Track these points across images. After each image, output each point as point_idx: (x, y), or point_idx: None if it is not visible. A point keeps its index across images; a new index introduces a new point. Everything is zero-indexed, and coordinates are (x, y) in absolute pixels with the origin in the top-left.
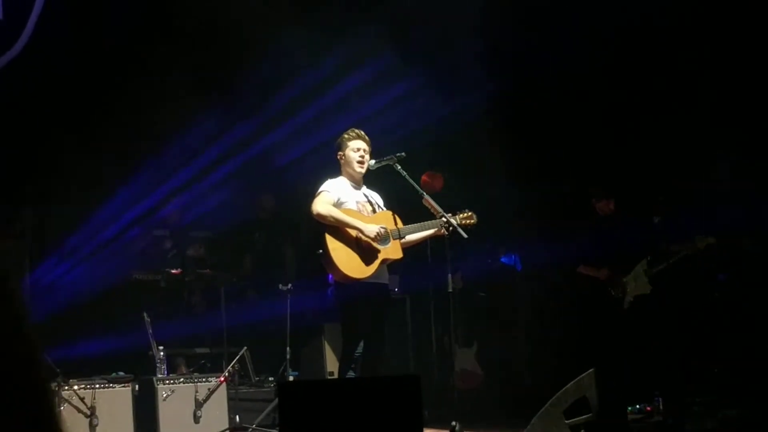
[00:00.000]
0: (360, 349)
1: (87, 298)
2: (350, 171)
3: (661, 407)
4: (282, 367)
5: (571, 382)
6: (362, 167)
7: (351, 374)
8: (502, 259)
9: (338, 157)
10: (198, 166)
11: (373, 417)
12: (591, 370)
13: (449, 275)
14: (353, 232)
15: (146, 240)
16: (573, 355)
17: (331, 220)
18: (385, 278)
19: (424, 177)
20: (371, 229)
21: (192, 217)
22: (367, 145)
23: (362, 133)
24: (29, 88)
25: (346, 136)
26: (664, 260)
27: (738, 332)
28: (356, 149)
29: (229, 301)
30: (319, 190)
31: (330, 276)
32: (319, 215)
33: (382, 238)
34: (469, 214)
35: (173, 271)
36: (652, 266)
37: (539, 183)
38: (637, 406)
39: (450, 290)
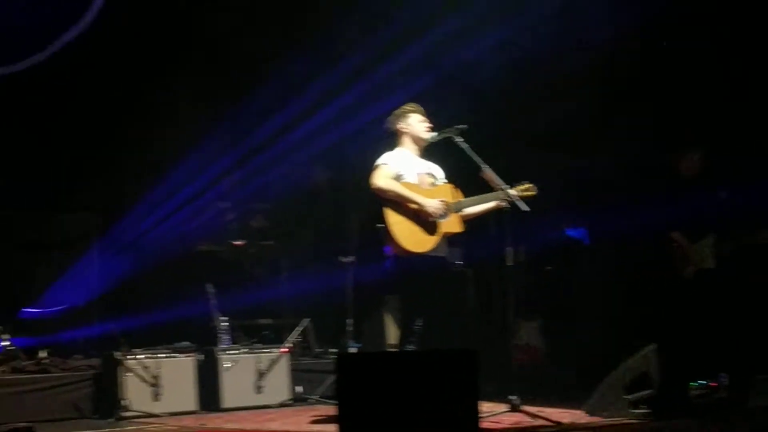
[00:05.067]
0: (420, 322)
1: (152, 269)
2: (413, 142)
3: (725, 384)
4: (343, 339)
5: (632, 358)
6: (427, 136)
7: (410, 347)
8: (568, 232)
9: (399, 129)
10: (260, 137)
11: (430, 390)
12: (652, 346)
13: (510, 248)
14: (413, 206)
15: (210, 212)
16: (638, 329)
17: (391, 194)
18: (444, 252)
19: None
20: (431, 203)
21: (254, 188)
22: (426, 118)
23: (420, 107)
24: (102, 58)
25: (407, 108)
26: (732, 243)
27: None
28: (420, 120)
29: (291, 273)
30: (377, 163)
31: (388, 248)
32: (379, 189)
33: (443, 212)
34: (529, 185)
35: (236, 243)
36: (718, 245)
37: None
38: (701, 383)
39: (511, 263)
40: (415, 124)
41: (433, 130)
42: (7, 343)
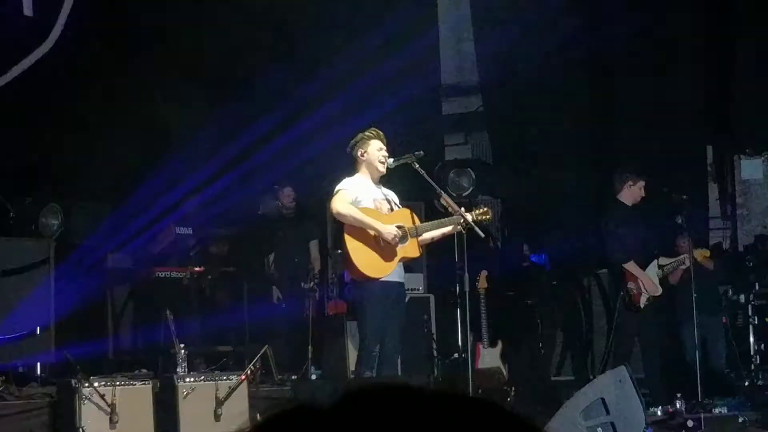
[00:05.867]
0: (377, 348)
1: (110, 296)
2: (371, 170)
3: (682, 409)
4: (305, 366)
5: (588, 384)
6: (383, 166)
7: (368, 373)
8: (532, 258)
9: (358, 155)
10: (219, 162)
11: None
12: (609, 372)
13: (468, 275)
14: (372, 232)
15: (168, 237)
16: (598, 355)
17: (350, 219)
18: (401, 277)
19: None
20: (389, 230)
21: (214, 214)
22: (385, 144)
23: (381, 132)
24: (56, 83)
25: (366, 134)
26: (672, 265)
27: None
28: (378, 148)
29: (252, 299)
30: (337, 188)
31: (345, 274)
32: (339, 214)
33: (400, 238)
34: (485, 209)
35: (196, 269)
36: (662, 268)
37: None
38: (659, 408)
39: (469, 290)
40: (372, 152)
41: (391, 156)
42: None
